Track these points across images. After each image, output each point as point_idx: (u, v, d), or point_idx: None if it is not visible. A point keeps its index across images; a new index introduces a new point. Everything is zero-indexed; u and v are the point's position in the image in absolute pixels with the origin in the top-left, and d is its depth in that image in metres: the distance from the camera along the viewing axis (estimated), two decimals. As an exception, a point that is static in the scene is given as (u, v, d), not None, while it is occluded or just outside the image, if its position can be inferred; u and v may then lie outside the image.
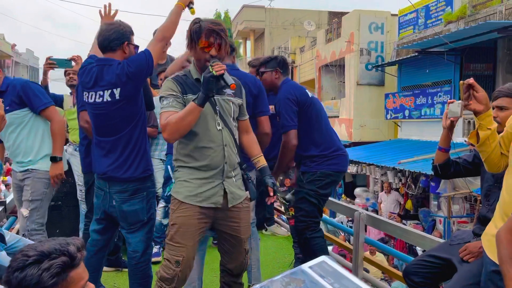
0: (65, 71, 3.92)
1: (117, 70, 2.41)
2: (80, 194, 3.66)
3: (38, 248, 1.19)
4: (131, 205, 2.51)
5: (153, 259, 3.63)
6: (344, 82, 18.04)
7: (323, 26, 22.78)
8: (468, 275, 1.99)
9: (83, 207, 3.59)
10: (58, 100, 3.99)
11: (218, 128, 2.15)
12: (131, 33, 2.55)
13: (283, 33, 24.28)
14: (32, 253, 1.17)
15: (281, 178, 3.29)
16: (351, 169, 12.22)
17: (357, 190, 13.48)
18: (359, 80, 14.72)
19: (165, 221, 3.78)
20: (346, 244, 3.95)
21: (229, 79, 2.00)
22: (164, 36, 2.54)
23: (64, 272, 1.18)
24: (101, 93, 2.44)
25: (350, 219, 10.79)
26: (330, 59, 16.75)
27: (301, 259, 3.42)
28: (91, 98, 2.49)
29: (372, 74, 14.79)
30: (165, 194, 3.79)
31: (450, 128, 2.20)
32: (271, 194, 2.22)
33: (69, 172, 3.55)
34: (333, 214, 13.63)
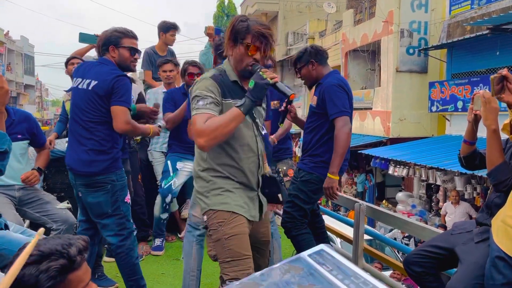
0: (69, 61, 3.99)
1: (108, 74, 2.60)
2: None
3: (40, 247, 1.15)
4: (95, 198, 2.66)
5: (155, 253, 3.94)
6: (373, 70, 16.03)
7: (342, 9, 20.85)
8: (474, 267, 1.96)
9: None
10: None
11: (255, 134, 2.05)
12: (121, 36, 2.70)
13: (298, 16, 22.30)
14: (33, 252, 1.14)
15: (284, 168, 3.48)
16: (399, 171, 10.25)
17: (400, 195, 11.49)
18: (399, 66, 12.68)
19: (163, 216, 3.87)
20: (346, 235, 3.72)
21: (285, 88, 1.93)
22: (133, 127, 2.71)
23: (62, 275, 1.15)
24: (86, 81, 2.67)
25: (406, 235, 8.88)
26: (360, 43, 14.71)
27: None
28: (75, 84, 2.75)
29: (414, 59, 12.74)
30: (161, 189, 3.78)
31: (475, 122, 2.18)
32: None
33: None
34: (371, 223, 11.71)
